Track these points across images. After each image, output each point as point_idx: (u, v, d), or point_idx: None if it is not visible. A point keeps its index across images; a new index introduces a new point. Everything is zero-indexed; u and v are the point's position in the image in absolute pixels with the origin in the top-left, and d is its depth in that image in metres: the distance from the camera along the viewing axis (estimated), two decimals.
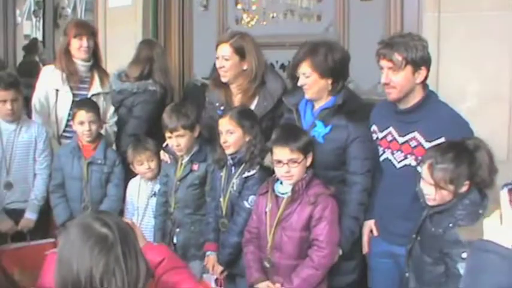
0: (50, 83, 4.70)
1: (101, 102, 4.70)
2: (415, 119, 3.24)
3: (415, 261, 3.07)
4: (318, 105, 3.62)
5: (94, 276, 1.91)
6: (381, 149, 3.41)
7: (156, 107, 4.59)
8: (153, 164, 4.32)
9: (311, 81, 3.54)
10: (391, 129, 3.34)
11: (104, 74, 4.85)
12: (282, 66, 5.11)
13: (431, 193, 2.92)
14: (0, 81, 4.40)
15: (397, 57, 3.16)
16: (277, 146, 3.37)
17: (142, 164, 4.32)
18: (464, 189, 2.89)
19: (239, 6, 5.46)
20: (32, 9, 8.80)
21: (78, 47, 4.67)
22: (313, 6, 5.04)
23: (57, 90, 4.69)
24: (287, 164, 3.33)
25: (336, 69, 3.53)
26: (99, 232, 1.97)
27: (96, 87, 4.75)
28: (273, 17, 5.25)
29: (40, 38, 8.62)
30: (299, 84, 3.59)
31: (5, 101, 4.36)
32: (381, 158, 3.41)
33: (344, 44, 4.69)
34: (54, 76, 4.70)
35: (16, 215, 4.46)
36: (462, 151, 2.90)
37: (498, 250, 1.64)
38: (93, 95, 4.72)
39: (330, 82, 3.54)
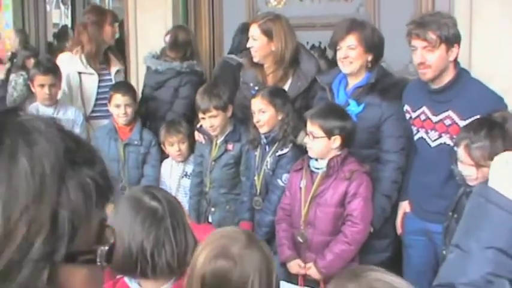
0: (70, 67, 4.82)
1: (121, 78, 4.94)
2: (449, 98, 3.25)
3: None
4: (351, 84, 3.65)
5: (145, 248, 1.95)
6: (414, 129, 3.42)
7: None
8: (183, 147, 4.37)
9: (355, 54, 3.56)
10: (424, 108, 3.35)
11: (116, 53, 5.10)
12: (313, 47, 5.12)
13: (472, 173, 2.89)
14: (40, 66, 4.56)
15: (432, 35, 3.16)
16: (309, 120, 3.39)
17: (173, 146, 4.38)
18: None
19: None
20: None
21: (112, 34, 4.91)
22: None
23: (79, 73, 4.82)
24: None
25: (379, 47, 3.59)
26: (149, 205, 2.01)
27: (116, 65, 4.98)
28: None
29: (69, 25, 8.72)
30: (341, 56, 3.59)
31: (43, 86, 4.49)
32: (415, 138, 3.43)
33: (375, 25, 4.69)
34: (74, 61, 4.84)
35: None
36: (493, 126, 2.90)
37: (502, 203, 1.45)
38: (116, 72, 4.95)
39: (370, 59, 3.57)
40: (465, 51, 4.03)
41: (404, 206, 3.57)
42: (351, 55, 3.57)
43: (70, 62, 4.84)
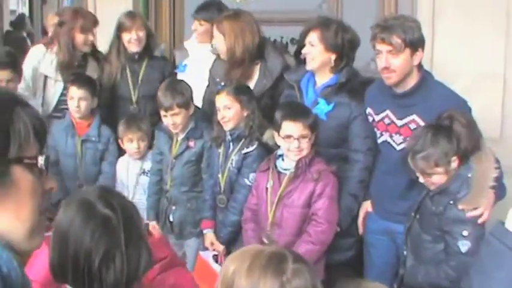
0: (39, 67, 4.60)
1: None
2: (413, 102, 3.24)
3: (414, 239, 3.11)
4: (320, 83, 3.63)
5: (93, 260, 1.84)
6: (378, 132, 3.40)
7: None
8: (142, 145, 4.25)
9: (316, 52, 3.55)
10: (388, 112, 3.32)
11: (99, 59, 4.75)
12: (274, 42, 5.08)
13: (424, 181, 2.98)
14: None
15: (397, 39, 3.13)
16: (289, 121, 3.37)
17: (132, 143, 4.25)
18: (454, 165, 2.93)
19: None
20: None
21: (84, 42, 4.58)
22: None
23: (46, 77, 4.61)
24: (298, 139, 3.35)
25: (343, 47, 3.55)
26: (102, 213, 1.90)
27: (92, 72, 4.66)
28: None
29: (27, 13, 8.54)
30: (303, 51, 3.61)
31: (0, 81, 4.32)
32: (379, 141, 3.41)
33: None
34: (45, 61, 4.61)
35: None
36: (438, 131, 2.95)
37: None
38: None
39: (333, 58, 3.55)
40: (427, 50, 4.05)
41: (366, 206, 3.56)
42: (311, 52, 3.57)
43: (41, 60, 4.61)
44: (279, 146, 3.48)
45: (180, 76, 4.42)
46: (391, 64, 3.17)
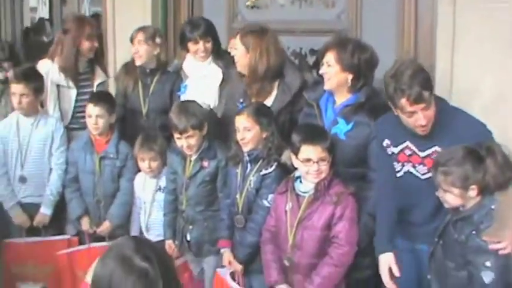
0: (50, 78, 4.68)
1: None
2: (433, 134, 3.17)
3: (438, 265, 3.07)
4: (339, 102, 3.61)
5: None
6: (398, 165, 3.32)
7: None
8: (154, 165, 4.25)
9: (332, 72, 3.54)
10: (408, 143, 3.25)
11: (103, 64, 5.01)
12: (294, 53, 5.05)
13: (440, 195, 2.96)
14: (14, 73, 4.52)
15: (426, 95, 3.03)
16: (308, 145, 3.36)
17: (144, 162, 4.27)
18: (472, 193, 2.88)
19: None
20: None
21: (90, 48, 4.71)
22: None
23: (58, 86, 4.70)
24: (317, 162, 3.34)
25: (360, 67, 3.52)
26: (140, 267, 1.91)
27: (100, 77, 4.85)
28: (283, 2, 5.18)
29: (46, 15, 8.54)
30: (320, 72, 3.61)
31: (14, 94, 4.38)
32: (400, 174, 3.32)
33: (356, 32, 4.64)
34: (54, 71, 4.69)
35: (31, 209, 4.47)
36: (470, 155, 2.89)
37: None
38: (98, 84, 4.83)
39: (350, 78, 3.52)
40: (447, 68, 4.00)
41: (389, 260, 3.26)
42: (328, 72, 3.56)
43: (51, 72, 4.69)
44: (296, 167, 3.46)
45: (182, 98, 4.39)
46: (428, 119, 3.10)
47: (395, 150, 3.32)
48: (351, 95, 3.56)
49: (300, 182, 3.45)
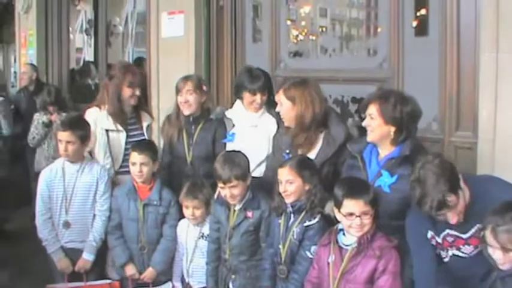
0: (98, 124, 4.81)
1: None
2: (472, 214, 3.13)
3: None
4: (383, 154, 3.63)
5: None
6: (443, 252, 3.32)
7: None
8: (198, 212, 4.30)
9: (375, 124, 3.57)
10: (448, 231, 3.24)
11: (148, 109, 5.15)
12: (336, 101, 5.08)
13: (499, 257, 2.85)
14: (61, 121, 4.67)
15: (450, 199, 3.03)
16: (351, 199, 3.35)
17: (188, 209, 4.32)
18: None
19: (292, 39, 5.45)
20: (84, 27, 8.90)
21: (131, 95, 4.86)
22: (367, 41, 5.01)
23: (107, 131, 4.80)
24: (359, 216, 3.33)
25: (402, 120, 3.54)
26: None
27: (146, 120, 5.01)
28: (326, 50, 5.23)
29: (91, 56, 8.71)
30: (363, 124, 3.65)
31: (61, 141, 4.48)
32: (446, 259, 3.32)
33: (398, 80, 4.65)
34: (101, 117, 4.82)
35: (73, 254, 4.53)
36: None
37: None
38: (147, 126, 4.99)
39: (393, 130, 3.54)
40: (490, 113, 3.97)
41: None
42: (371, 124, 3.60)
43: (98, 118, 4.82)
44: (339, 220, 3.46)
45: (229, 146, 4.47)
46: (458, 212, 3.11)
47: (439, 239, 3.31)
48: (395, 148, 3.58)
49: (343, 234, 3.44)
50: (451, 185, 3.04)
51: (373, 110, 3.58)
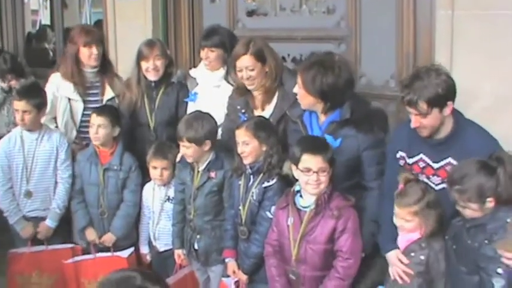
0: (60, 91, 4.72)
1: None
2: (448, 147, 3.23)
3: (451, 268, 3.13)
4: (322, 118, 3.64)
5: None
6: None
7: None
8: (166, 173, 4.31)
9: (300, 95, 3.60)
10: (422, 155, 3.32)
11: (114, 78, 4.88)
12: (294, 60, 5.08)
13: (460, 210, 3.00)
14: (17, 90, 4.58)
15: (422, 105, 3.12)
16: (309, 154, 3.35)
17: (156, 169, 4.32)
18: (489, 205, 2.93)
19: None
20: None
21: (89, 56, 4.69)
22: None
23: (69, 99, 4.72)
24: (317, 172, 3.34)
25: (324, 92, 3.52)
26: None
27: (109, 93, 4.79)
28: (284, 9, 5.19)
29: (47, 18, 8.51)
30: (293, 90, 3.67)
31: (17, 110, 4.42)
32: None
33: (356, 38, 4.65)
34: (64, 84, 4.72)
35: (37, 222, 4.53)
36: (481, 169, 2.94)
37: None
38: (107, 100, 4.77)
39: (318, 101, 3.55)
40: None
41: (396, 253, 3.33)
42: (298, 93, 3.62)
43: (61, 84, 4.72)
44: (297, 180, 3.47)
45: (191, 105, 4.45)
46: (421, 123, 3.18)
47: (410, 161, 3.38)
48: (335, 112, 3.58)
49: (301, 196, 3.46)
50: (434, 96, 3.13)
51: (298, 80, 3.59)
